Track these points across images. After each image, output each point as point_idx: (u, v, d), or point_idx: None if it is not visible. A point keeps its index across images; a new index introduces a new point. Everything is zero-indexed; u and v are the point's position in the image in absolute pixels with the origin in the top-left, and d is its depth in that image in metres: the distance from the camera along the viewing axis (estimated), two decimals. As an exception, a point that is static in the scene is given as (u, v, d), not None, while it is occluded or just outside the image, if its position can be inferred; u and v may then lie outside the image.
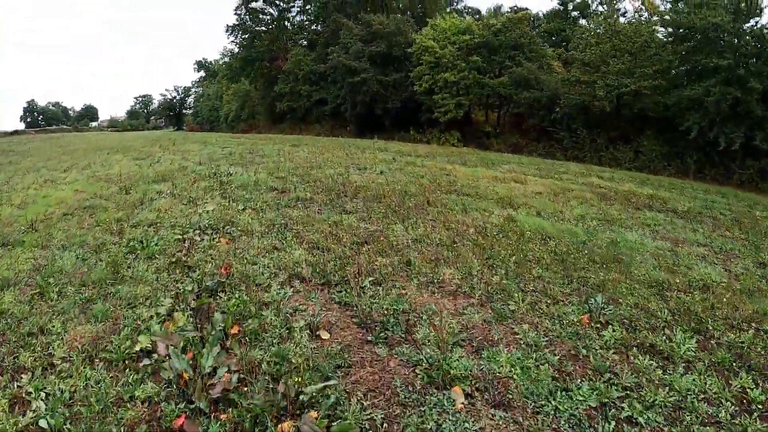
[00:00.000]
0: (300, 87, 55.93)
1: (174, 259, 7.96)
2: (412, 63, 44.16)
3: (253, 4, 65.89)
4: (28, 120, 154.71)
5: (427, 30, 44.06)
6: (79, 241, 9.10)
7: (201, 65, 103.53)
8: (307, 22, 67.13)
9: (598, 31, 38.56)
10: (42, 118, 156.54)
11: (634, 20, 39.33)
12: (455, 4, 60.42)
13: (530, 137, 40.45)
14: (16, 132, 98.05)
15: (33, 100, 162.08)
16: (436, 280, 7.18)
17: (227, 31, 67.05)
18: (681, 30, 31.97)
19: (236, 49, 69.39)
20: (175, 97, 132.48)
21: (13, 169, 21.81)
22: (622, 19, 43.44)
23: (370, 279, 7.05)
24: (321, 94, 54.04)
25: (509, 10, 52.85)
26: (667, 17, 33.33)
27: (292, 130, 54.36)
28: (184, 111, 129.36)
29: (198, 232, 9.42)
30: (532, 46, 41.97)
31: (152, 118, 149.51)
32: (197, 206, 11.35)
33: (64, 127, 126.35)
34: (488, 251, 8.65)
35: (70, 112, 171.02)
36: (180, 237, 9.14)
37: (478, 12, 61.54)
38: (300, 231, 9.46)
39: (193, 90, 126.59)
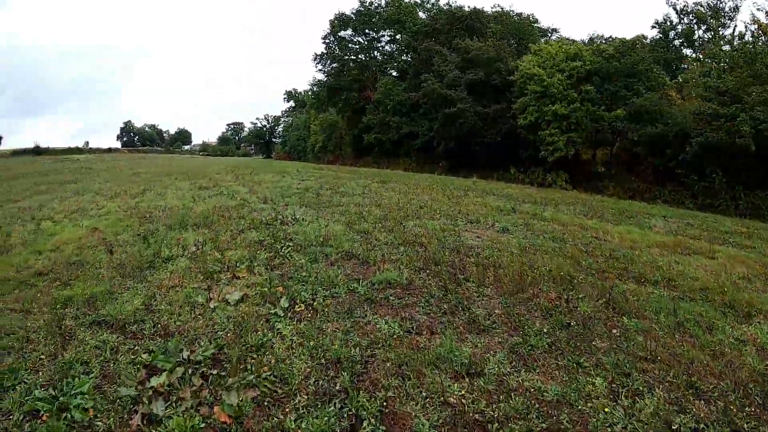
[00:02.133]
0: (389, 118, 52.26)
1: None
2: (513, 93, 39.14)
3: (342, 33, 63.84)
4: (125, 139, 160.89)
5: (530, 57, 38.92)
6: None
7: (290, 95, 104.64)
8: (396, 52, 63.85)
9: (734, 53, 32.94)
10: (138, 139, 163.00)
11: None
12: (550, 35, 55.69)
13: (648, 180, 34.38)
14: (110, 150, 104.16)
15: (130, 121, 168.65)
16: None
17: (314, 59, 65.35)
18: None
19: (324, 78, 67.24)
20: (264, 126, 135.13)
21: (65, 190, 21.15)
22: (726, 47, 38.37)
23: None
24: (411, 126, 50.07)
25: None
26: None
27: (379, 164, 50.79)
28: (273, 139, 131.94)
29: (183, 368, 5.16)
30: (649, 73, 36.48)
31: (242, 145, 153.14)
32: (218, 287, 7.48)
33: (158, 148, 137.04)
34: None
35: (165, 134, 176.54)
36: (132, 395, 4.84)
37: (574, 43, 55.08)
38: (396, 394, 4.83)
39: (282, 119, 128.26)
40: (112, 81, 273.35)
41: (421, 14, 61.86)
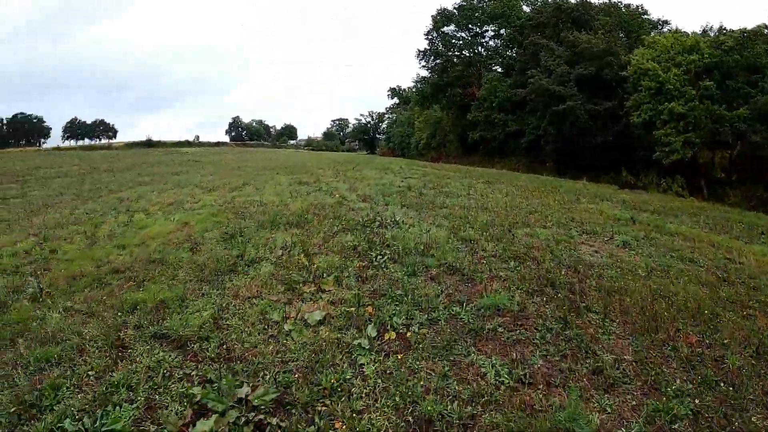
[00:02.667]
0: (494, 116, 50.76)
1: None
2: (626, 89, 36.71)
3: (445, 29, 62.81)
4: (233, 134, 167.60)
5: (642, 50, 36.29)
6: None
7: (394, 92, 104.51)
8: (501, 47, 62.11)
9: None
10: (245, 134, 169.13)
11: None
12: (660, 27, 51.94)
13: None
14: (218, 143, 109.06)
15: (238, 117, 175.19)
16: None
17: (418, 56, 64.62)
18: None
19: (427, 75, 66.49)
20: (369, 122, 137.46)
21: (167, 182, 21.82)
22: None
23: None
24: (517, 124, 48.36)
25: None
26: None
27: (484, 163, 49.14)
28: (377, 136, 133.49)
29: (237, 412, 4.21)
30: (776, 67, 32.77)
31: (347, 140, 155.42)
32: (298, 301, 6.62)
33: (264, 143, 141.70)
34: None
35: (271, 129, 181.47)
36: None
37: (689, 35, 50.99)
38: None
39: (386, 116, 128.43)
40: (224, 79, 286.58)
41: (525, 8, 59.88)
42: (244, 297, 6.69)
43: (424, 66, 65.52)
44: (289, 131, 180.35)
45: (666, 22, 51.87)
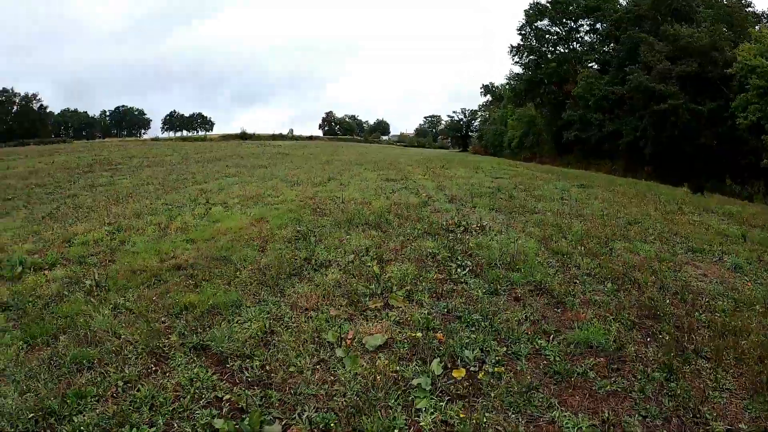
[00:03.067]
0: (590, 115, 48.82)
1: None
2: (732, 88, 34.43)
3: (538, 24, 61.22)
4: (326, 129, 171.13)
5: (749, 45, 33.65)
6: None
7: (487, 89, 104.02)
8: (597, 42, 59.99)
9: None
10: (338, 128, 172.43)
11: None
12: (765, 20, 47.97)
13: None
14: (310, 137, 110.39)
15: (331, 112, 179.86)
16: None
17: (510, 51, 63.20)
18: None
19: (520, 71, 65.01)
20: (461, 120, 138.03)
21: (252, 175, 21.88)
22: None
23: None
24: (615, 124, 46.15)
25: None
26: None
27: (579, 164, 47.34)
28: (469, 133, 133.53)
29: None
30: None
31: (439, 137, 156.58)
32: (360, 319, 5.91)
33: (357, 137, 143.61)
34: None
35: (364, 125, 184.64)
36: None
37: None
38: None
39: (479, 114, 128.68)
40: (320, 75, 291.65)
41: (621, 1, 57.10)
42: (302, 308, 6.05)
43: (517, 62, 64.24)
44: (382, 127, 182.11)
45: None
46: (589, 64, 58.62)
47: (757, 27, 41.81)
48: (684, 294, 7.23)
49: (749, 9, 47.62)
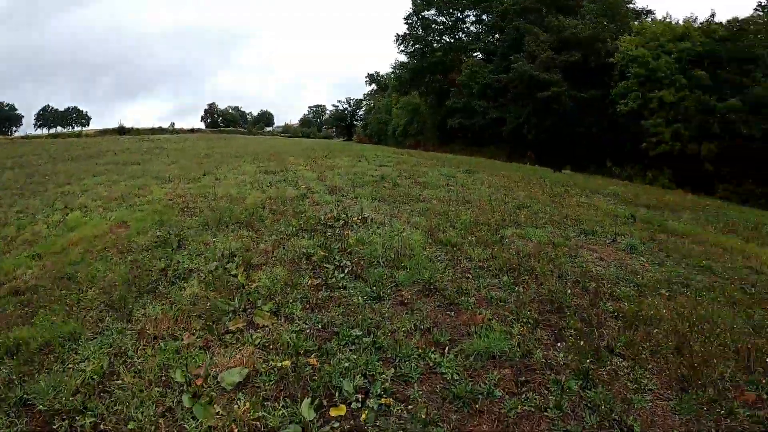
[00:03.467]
0: (475, 102, 49.05)
1: None
2: (613, 77, 35.56)
3: (425, 13, 61.04)
4: (209, 120, 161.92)
5: (630, 38, 35.25)
6: None
7: (372, 78, 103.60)
8: (483, 32, 60.48)
9: None
10: (221, 120, 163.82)
11: None
12: (644, 17, 50.12)
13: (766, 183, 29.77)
14: (192, 130, 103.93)
15: (213, 103, 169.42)
16: None
17: (396, 40, 62.64)
18: None
19: (406, 60, 64.72)
20: (346, 109, 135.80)
21: (123, 172, 20.18)
22: None
23: None
24: (498, 112, 46.65)
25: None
26: None
27: (463, 151, 47.33)
28: (354, 123, 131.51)
29: None
30: (769, 58, 31.66)
31: (324, 127, 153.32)
32: (221, 342, 4.94)
33: (240, 129, 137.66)
34: None
35: (248, 116, 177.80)
36: None
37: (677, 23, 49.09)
38: None
39: (364, 102, 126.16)
40: (204, 66, 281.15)
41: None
42: (150, 336, 5.01)
43: (402, 51, 63.74)
44: (266, 118, 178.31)
45: (650, 12, 50.28)
46: (475, 54, 59.10)
47: (637, 21, 43.51)
48: (585, 282, 6.85)
49: (630, 5, 49.44)
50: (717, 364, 4.73)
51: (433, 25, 61.33)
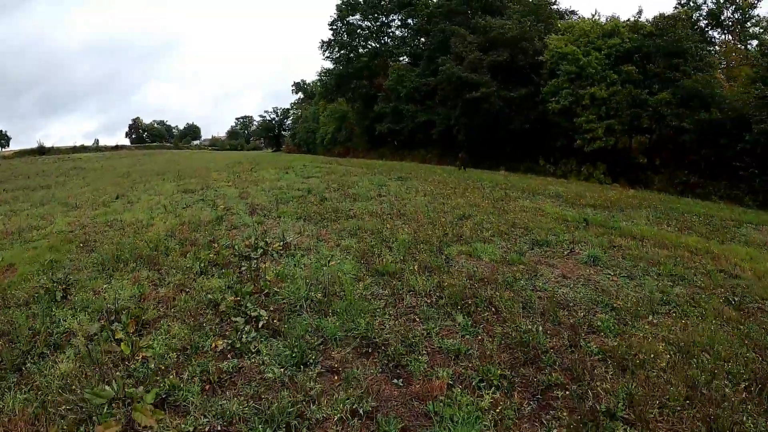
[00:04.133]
0: (402, 106, 48.23)
1: None
2: (542, 75, 35.14)
3: (350, 18, 59.94)
4: (134, 136, 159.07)
5: (558, 36, 34.82)
6: None
7: (299, 87, 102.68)
8: (408, 36, 59.70)
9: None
10: (147, 135, 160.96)
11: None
12: (568, 17, 50.17)
13: (700, 173, 29.66)
14: (116, 147, 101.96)
15: (138, 118, 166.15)
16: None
17: (321, 46, 61.45)
18: None
19: (331, 66, 63.47)
20: (274, 119, 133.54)
21: (28, 199, 18.58)
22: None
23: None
24: (427, 115, 45.91)
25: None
26: None
27: (393, 156, 46.95)
28: (282, 132, 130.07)
29: None
30: (698, 53, 32.00)
31: (252, 138, 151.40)
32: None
33: (167, 144, 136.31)
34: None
35: (174, 130, 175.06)
36: None
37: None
38: None
39: (291, 112, 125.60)
40: (132, 79, 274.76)
41: (432, 0, 57.00)
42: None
43: (328, 57, 62.64)
44: (193, 131, 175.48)
45: (573, 12, 50.35)
46: (401, 58, 58.55)
47: (562, 21, 43.42)
48: (555, 312, 5.70)
49: (554, 6, 49.35)
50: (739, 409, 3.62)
51: (359, 30, 60.55)
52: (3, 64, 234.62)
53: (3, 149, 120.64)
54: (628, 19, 35.04)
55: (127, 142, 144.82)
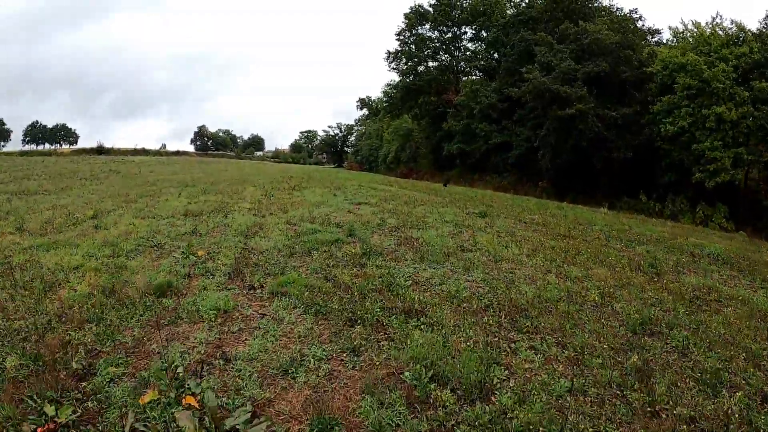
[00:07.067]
0: (475, 124, 43.32)
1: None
2: (650, 90, 29.47)
3: (419, 29, 55.68)
4: (198, 143, 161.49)
5: (663, 50, 29.27)
6: None
7: (364, 103, 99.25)
8: (482, 50, 54.74)
9: None
10: (211, 143, 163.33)
11: None
12: (652, 37, 43.62)
13: None
14: (177, 152, 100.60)
15: (204, 126, 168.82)
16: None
17: (387, 58, 56.87)
18: None
19: (397, 78, 59.09)
20: (337, 134, 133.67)
21: (37, 203, 15.19)
22: None
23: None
24: (504, 136, 40.86)
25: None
26: None
27: (462, 180, 42.39)
28: (345, 148, 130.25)
29: None
30: None
31: (314, 153, 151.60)
32: None
33: (229, 153, 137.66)
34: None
35: (238, 140, 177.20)
36: None
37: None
38: None
39: (355, 128, 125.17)
40: (208, 88, 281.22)
41: (509, 12, 52.19)
42: None
43: (394, 68, 57.98)
44: (256, 142, 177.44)
45: (658, 31, 44.17)
46: (473, 72, 54.47)
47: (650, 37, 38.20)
48: None
49: (640, 23, 43.55)
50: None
51: (428, 42, 56.05)
52: (81, 67, 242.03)
53: (70, 146, 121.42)
54: (756, 28, 28.75)
55: (191, 148, 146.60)
